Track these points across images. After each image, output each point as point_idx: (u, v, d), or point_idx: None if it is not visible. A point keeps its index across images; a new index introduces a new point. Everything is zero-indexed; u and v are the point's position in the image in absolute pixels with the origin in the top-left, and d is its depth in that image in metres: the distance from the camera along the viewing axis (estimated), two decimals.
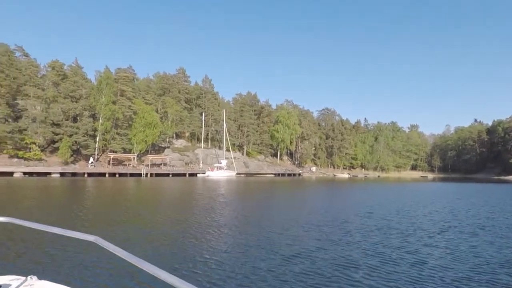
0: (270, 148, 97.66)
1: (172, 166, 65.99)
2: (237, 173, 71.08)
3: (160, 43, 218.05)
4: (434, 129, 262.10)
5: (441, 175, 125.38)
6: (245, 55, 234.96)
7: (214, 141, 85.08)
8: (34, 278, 1.80)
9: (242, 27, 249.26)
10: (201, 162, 72.77)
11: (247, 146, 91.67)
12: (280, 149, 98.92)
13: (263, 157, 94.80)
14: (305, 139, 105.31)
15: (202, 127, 79.56)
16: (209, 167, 68.88)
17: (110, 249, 1.61)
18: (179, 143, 77.51)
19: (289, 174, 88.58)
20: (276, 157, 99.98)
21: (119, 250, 1.57)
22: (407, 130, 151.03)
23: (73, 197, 22.16)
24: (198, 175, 63.66)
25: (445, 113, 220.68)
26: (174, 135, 77.95)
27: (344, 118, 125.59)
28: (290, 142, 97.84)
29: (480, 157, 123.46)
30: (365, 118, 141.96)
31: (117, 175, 53.47)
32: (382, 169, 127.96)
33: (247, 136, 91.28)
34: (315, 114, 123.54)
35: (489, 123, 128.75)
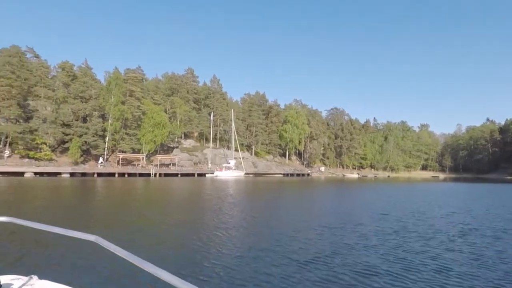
0: (279, 148, 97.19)
1: (181, 166, 66.00)
2: (246, 173, 70.83)
3: (169, 44, 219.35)
4: (445, 129, 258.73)
5: (453, 175, 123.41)
6: (253, 55, 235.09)
7: (223, 141, 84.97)
8: (35, 278, 1.81)
9: (250, 27, 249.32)
10: (210, 162, 72.66)
11: (256, 146, 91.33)
12: (289, 149, 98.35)
13: (272, 157, 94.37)
14: (314, 139, 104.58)
15: (211, 127, 79.47)
16: (218, 167, 68.75)
17: (111, 249, 1.62)
18: (188, 143, 77.55)
19: (298, 174, 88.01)
20: (285, 157, 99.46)
21: (120, 250, 1.57)
22: (417, 130, 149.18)
23: (82, 197, 22.06)
24: (207, 175, 63.57)
25: (456, 113, 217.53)
26: (183, 135, 78.02)
27: (353, 118, 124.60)
28: (299, 142, 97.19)
29: (493, 157, 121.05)
30: (375, 118, 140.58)
31: (126, 175, 53.61)
32: (392, 169, 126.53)
33: (256, 136, 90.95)
34: (324, 114, 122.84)
35: (502, 122, 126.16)
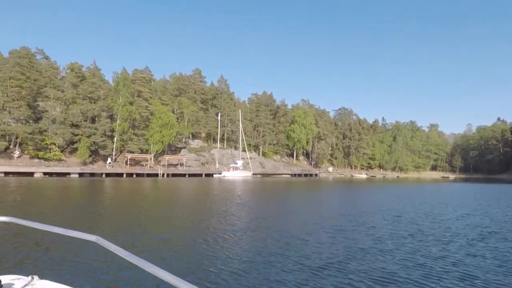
0: (286, 148, 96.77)
1: (189, 167, 66.03)
2: (253, 174, 70.61)
3: (176, 44, 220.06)
4: (455, 129, 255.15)
5: (463, 176, 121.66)
6: (261, 55, 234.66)
7: (230, 141, 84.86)
8: (36, 278, 1.81)
9: (258, 28, 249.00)
10: (217, 163, 72.60)
11: (263, 146, 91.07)
12: (297, 149, 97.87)
13: (279, 157, 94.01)
14: (322, 139, 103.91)
15: (218, 128, 79.42)
16: (225, 168, 68.65)
17: (111, 249, 1.61)
18: (195, 144, 77.60)
19: (306, 175, 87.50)
20: (292, 157, 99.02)
21: (120, 250, 1.56)
22: (427, 130, 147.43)
23: (90, 198, 22.03)
24: (214, 176, 63.50)
25: (466, 112, 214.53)
26: (190, 136, 78.09)
27: (362, 118, 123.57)
28: (307, 142, 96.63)
29: (504, 157, 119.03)
30: (383, 118, 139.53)
31: (134, 175, 53.78)
32: (401, 170, 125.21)
33: (263, 136, 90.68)
34: (332, 114, 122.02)
35: None
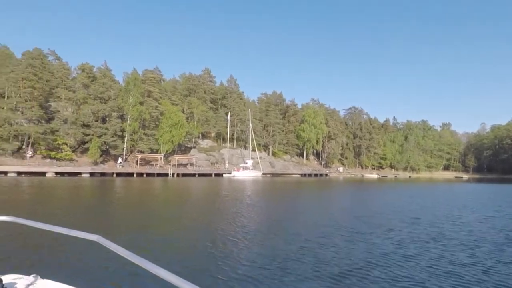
0: (296, 148, 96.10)
1: (198, 166, 65.99)
2: (263, 173, 70.23)
3: (186, 45, 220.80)
4: (468, 128, 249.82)
5: (477, 176, 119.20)
6: (270, 55, 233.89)
7: (240, 141, 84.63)
8: (37, 277, 1.81)
9: (267, 27, 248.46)
10: (227, 162, 72.43)
11: (273, 146, 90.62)
12: (306, 149, 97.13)
13: (289, 157, 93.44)
14: (332, 139, 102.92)
15: (228, 127, 79.27)
16: (235, 167, 68.41)
17: (113, 249, 1.61)
18: (205, 143, 77.57)
19: (316, 175, 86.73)
20: (302, 157, 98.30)
21: (122, 250, 1.56)
22: (439, 129, 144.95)
23: (100, 198, 21.97)
24: (224, 175, 63.30)
25: (480, 111, 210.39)
26: (200, 135, 78.11)
27: (372, 117, 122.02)
28: (317, 142, 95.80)
29: None
30: (394, 117, 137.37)
31: (145, 175, 53.90)
32: (413, 169, 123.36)
33: (273, 136, 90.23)
34: (342, 113, 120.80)
35: None
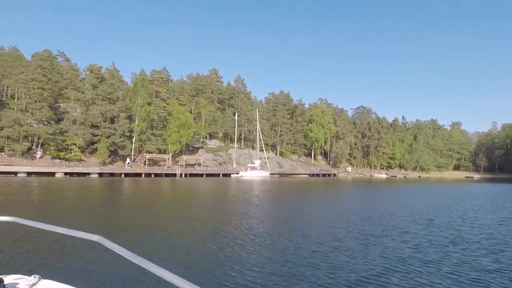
0: (304, 148, 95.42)
1: (206, 167, 65.87)
2: (271, 174, 69.85)
3: (193, 45, 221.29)
4: (479, 127, 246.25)
5: (488, 176, 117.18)
6: (277, 55, 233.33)
7: (247, 141, 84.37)
8: (38, 277, 1.81)
9: (274, 27, 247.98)
10: (235, 162, 72.21)
11: (281, 146, 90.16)
12: (314, 149, 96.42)
13: (297, 157, 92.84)
14: (340, 138, 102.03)
15: (235, 127, 79.05)
16: (243, 167, 68.13)
17: (114, 249, 1.61)
18: (213, 144, 77.46)
19: (324, 175, 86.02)
20: (310, 157, 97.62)
21: (122, 250, 1.57)
22: (449, 128, 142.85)
23: (109, 198, 21.89)
24: (232, 175, 63.09)
25: (491, 110, 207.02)
26: (208, 136, 78.02)
27: (381, 117, 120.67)
28: (325, 142, 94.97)
29: None
30: (403, 116, 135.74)
31: (153, 175, 53.94)
32: (422, 169, 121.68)
33: (281, 136, 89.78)
34: (350, 113, 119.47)
35: None
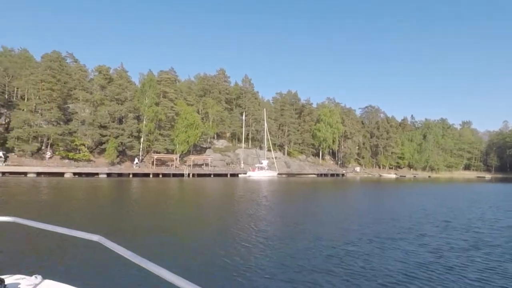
0: (312, 148, 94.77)
1: (214, 167, 65.74)
2: (279, 174, 69.45)
3: (201, 45, 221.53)
4: (490, 126, 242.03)
5: (499, 175, 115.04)
6: (285, 54, 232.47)
7: (255, 141, 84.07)
8: (39, 278, 1.81)
9: (281, 27, 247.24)
10: (242, 162, 71.95)
11: (288, 146, 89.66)
12: (322, 149, 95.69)
13: (305, 157, 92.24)
14: (348, 138, 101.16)
15: (243, 127, 78.79)
16: (250, 168, 67.85)
17: (114, 249, 1.62)
18: (220, 144, 77.33)
19: (332, 175, 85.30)
20: (318, 157, 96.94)
21: (123, 250, 1.57)
22: (459, 127, 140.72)
23: (117, 199, 21.76)
24: (240, 176, 62.86)
25: (502, 109, 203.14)
26: (215, 136, 77.92)
27: (389, 116, 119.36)
28: (333, 141, 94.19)
29: None
30: (412, 115, 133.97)
31: (161, 176, 53.97)
32: (432, 169, 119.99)
33: (288, 136, 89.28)
34: (358, 112, 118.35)
35: None
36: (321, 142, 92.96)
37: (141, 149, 59.11)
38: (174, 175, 55.51)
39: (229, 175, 62.22)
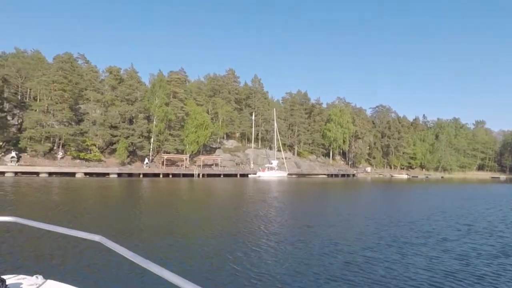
0: (322, 148, 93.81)
1: (223, 167, 65.53)
2: (289, 174, 68.87)
3: (210, 45, 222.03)
4: (504, 125, 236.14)
5: None
6: (294, 54, 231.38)
7: (265, 141, 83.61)
8: (40, 278, 1.82)
9: (291, 27, 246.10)
10: (252, 163, 71.61)
11: (298, 146, 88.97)
12: (333, 149, 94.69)
13: (315, 157, 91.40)
14: (359, 138, 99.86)
15: (252, 127, 78.42)
16: (260, 168, 67.47)
17: (115, 249, 1.62)
18: (230, 144, 77.13)
19: (343, 175, 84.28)
20: (329, 157, 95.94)
21: (124, 250, 1.58)
22: (472, 127, 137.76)
23: (127, 199, 21.60)
24: (249, 176, 62.52)
25: None
26: (225, 136, 77.75)
27: (401, 115, 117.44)
28: (343, 141, 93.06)
29: None
30: (424, 115, 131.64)
31: (171, 176, 54.00)
32: (444, 170, 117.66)
33: (298, 136, 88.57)
34: (369, 112, 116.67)
35: None
36: (332, 142, 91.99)
37: (151, 149, 59.24)
38: (184, 175, 55.48)
39: (239, 176, 61.96)
